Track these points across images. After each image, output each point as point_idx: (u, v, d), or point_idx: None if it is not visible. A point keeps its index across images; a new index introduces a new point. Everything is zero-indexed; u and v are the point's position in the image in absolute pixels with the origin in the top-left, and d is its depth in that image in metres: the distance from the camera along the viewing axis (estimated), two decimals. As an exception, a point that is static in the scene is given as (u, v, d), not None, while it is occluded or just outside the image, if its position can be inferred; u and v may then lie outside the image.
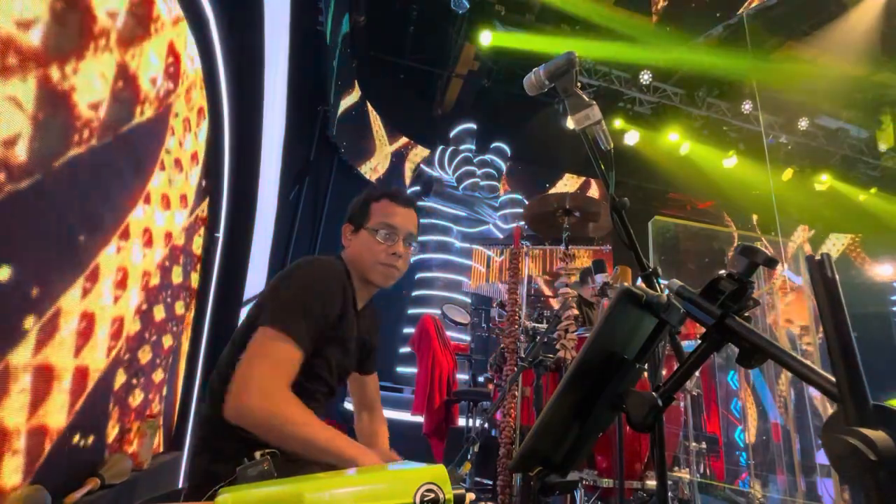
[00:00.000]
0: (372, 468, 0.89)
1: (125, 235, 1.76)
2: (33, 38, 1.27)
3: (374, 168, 6.48)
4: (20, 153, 1.25)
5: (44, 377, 1.38)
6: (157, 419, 2.11)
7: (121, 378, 1.84)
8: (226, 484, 1.00)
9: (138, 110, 1.80)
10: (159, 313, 2.12)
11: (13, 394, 1.26)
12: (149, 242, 1.94)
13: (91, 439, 1.68)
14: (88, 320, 1.58)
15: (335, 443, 0.99)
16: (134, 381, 1.94)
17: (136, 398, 1.99)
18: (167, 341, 2.29)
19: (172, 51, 2.03)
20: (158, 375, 2.21)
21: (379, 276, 1.27)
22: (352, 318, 1.26)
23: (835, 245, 8.45)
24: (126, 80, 1.69)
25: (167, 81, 1.99)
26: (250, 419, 0.97)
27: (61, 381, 1.47)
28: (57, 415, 1.46)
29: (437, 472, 0.64)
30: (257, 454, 0.81)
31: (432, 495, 0.62)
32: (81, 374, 1.57)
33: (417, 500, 0.61)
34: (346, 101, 5.57)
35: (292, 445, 0.97)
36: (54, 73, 1.34)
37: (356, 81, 5.97)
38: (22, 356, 1.29)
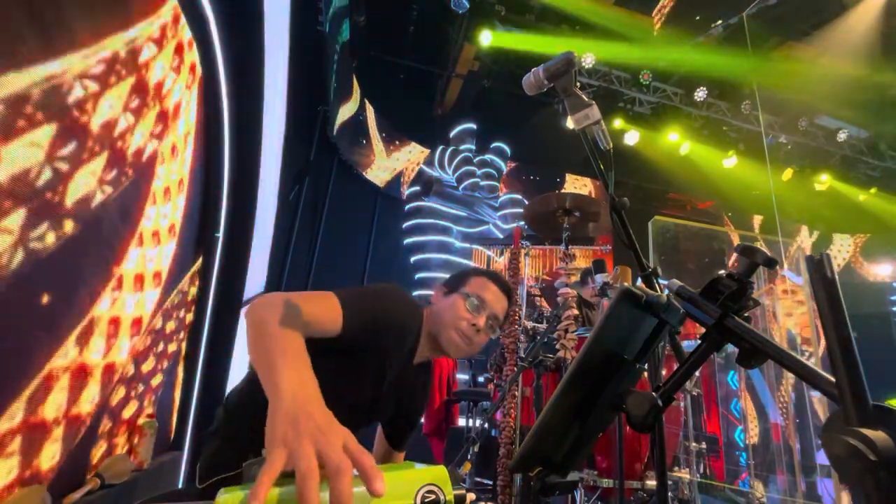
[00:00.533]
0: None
1: (140, 242, 1.79)
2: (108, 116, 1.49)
3: (374, 175, 6.47)
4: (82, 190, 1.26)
5: (46, 377, 1.38)
6: (156, 420, 2.11)
7: (122, 379, 1.84)
8: (231, 476, 0.98)
9: (164, 139, 1.91)
10: (163, 317, 2.12)
11: (15, 393, 1.26)
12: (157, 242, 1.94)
13: (91, 439, 1.68)
14: (92, 322, 1.58)
15: (280, 363, 0.72)
16: (134, 381, 1.94)
17: (137, 398, 1.99)
18: (168, 343, 2.29)
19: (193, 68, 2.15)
20: (158, 377, 2.21)
21: (449, 341, 1.23)
22: (401, 364, 1.23)
23: (842, 248, 8.42)
24: (162, 122, 1.88)
25: (184, 96, 2.03)
26: (247, 318, 0.85)
27: (63, 381, 1.47)
28: (57, 414, 1.46)
29: (437, 473, 0.64)
30: (264, 451, 0.68)
31: (433, 496, 0.62)
32: (84, 373, 1.57)
33: (418, 501, 0.61)
34: (345, 110, 5.55)
35: (253, 349, 0.79)
36: (119, 143, 1.56)
37: (356, 81, 5.96)
38: (28, 356, 1.29)
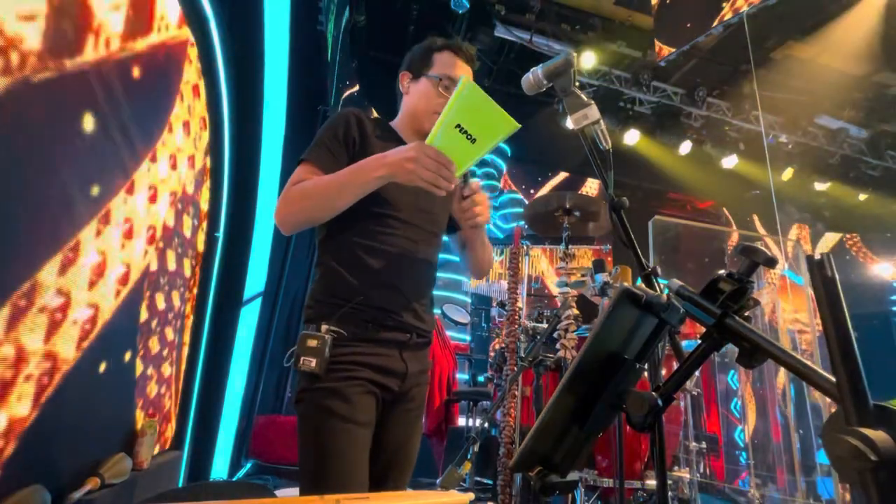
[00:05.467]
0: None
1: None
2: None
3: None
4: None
5: (46, 374, 1.38)
6: (156, 419, 2.12)
7: (120, 377, 1.84)
8: (311, 328, 1.12)
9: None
10: (162, 309, 2.12)
11: (13, 389, 1.26)
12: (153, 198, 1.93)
13: (91, 438, 1.68)
14: (95, 314, 1.58)
15: (356, 173, 1.09)
16: (134, 381, 1.94)
17: (136, 397, 1.99)
18: (168, 342, 2.29)
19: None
20: (158, 376, 2.21)
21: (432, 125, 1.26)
22: None
23: (827, 245, 8.42)
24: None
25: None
26: (285, 222, 1.13)
27: (61, 379, 1.46)
28: (56, 413, 1.46)
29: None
30: (324, 326, 1.08)
31: None
32: (83, 372, 1.57)
33: None
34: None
35: (327, 201, 1.10)
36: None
37: (357, 81, 5.96)
38: (24, 348, 1.29)
